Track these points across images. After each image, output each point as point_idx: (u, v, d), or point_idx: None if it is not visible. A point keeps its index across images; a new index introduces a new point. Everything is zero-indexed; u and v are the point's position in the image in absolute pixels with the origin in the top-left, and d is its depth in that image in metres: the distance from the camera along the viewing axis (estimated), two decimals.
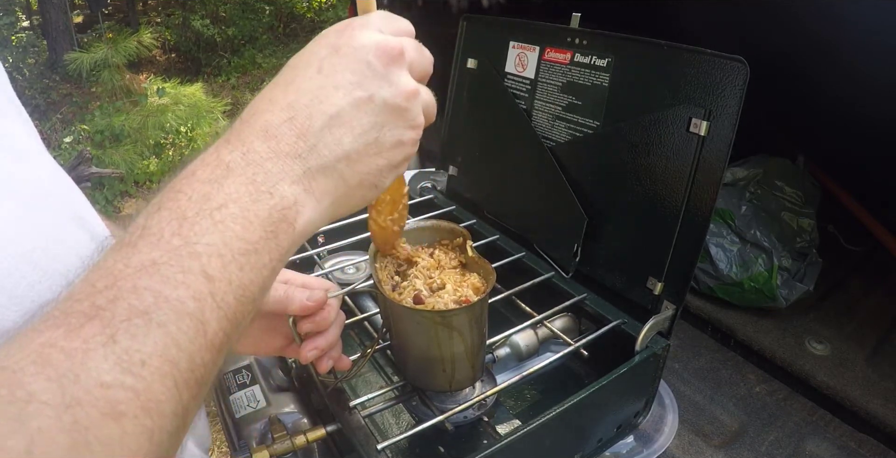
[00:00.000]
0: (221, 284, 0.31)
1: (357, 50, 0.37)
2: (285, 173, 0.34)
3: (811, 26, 1.19)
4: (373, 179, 0.40)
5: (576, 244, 0.87)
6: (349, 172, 0.38)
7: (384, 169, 0.40)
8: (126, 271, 0.29)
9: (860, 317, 1.43)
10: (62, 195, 0.39)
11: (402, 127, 0.39)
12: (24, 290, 0.32)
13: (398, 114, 0.39)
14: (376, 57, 0.37)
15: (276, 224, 0.34)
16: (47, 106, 4.88)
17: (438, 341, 0.60)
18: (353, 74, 0.37)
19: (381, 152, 0.39)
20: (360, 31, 0.38)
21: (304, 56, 0.39)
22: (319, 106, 0.36)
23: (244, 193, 0.33)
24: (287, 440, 0.65)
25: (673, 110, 0.73)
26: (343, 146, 0.37)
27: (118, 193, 3.94)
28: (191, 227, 0.31)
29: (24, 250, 0.33)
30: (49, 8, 5.06)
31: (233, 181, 0.33)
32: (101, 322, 0.27)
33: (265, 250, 0.33)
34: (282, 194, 0.34)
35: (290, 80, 0.38)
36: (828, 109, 1.41)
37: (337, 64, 0.37)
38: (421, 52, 0.41)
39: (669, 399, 1.04)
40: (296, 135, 0.35)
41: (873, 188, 1.63)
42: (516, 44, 0.97)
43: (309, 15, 6.54)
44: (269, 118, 0.36)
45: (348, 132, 0.37)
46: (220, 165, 0.34)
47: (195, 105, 4.37)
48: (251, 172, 0.34)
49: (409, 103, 0.39)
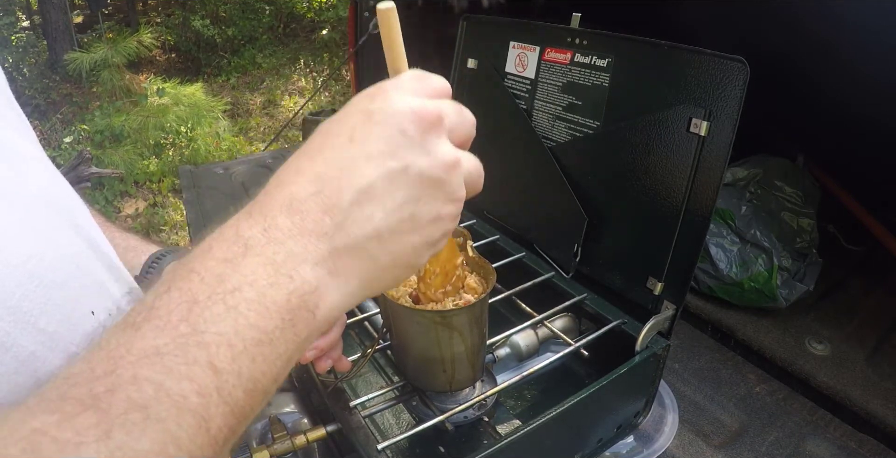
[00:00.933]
0: (230, 377, 0.28)
1: (391, 116, 0.34)
2: (308, 254, 0.31)
3: (811, 26, 1.19)
4: (407, 258, 0.36)
5: (576, 244, 0.87)
6: (380, 251, 0.34)
7: (420, 247, 0.36)
8: (127, 357, 0.27)
9: (860, 317, 1.43)
10: (60, 203, 0.39)
11: (440, 201, 0.35)
12: (19, 300, 0.31)
13: (436, 186, 0.35)
14: (412, 124, 0.34)
15: (294, 312, 0.31)
16: (47, 106, 4.88)
17: (438, 341, 0.60)
18: (387, 144, 0.33)
19: (416, 229, 0.35)
20: (394, 95, 0.35)
21: (335, 122, 0.35)
22: (350, 178, 0.33)
23: (262, 276, 0.30)
24: (287, 440, 0.65)
25: (673, 110, 0.73)
26: (373, 223, 0.33)
27: (118, 193, 3.94)
28: (201, 312, 0.28)
29: (20, 260, 0.32)
30: (49, 8, 5.06)
31: (250, 261, 0.30)
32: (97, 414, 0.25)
33: (281, 340, 0.30)
34: (303, 278, 0.31)
35: (320, 148, 0.34)
36: (828, 109, 1.41)
37: (370, 132, 0.34)
38: (462, 115, 0.38)
39: (669, 399, 1.05)
40: (322, 210, 0.32)
41: (873, 188, 1.63)
42: (516, 44, 0.97)
43: (309, 15, 6.53)
44: (295, 191, 0.32)
45: (380, 207, 0.33)
46: (239, 241, 0.31)
47: (195, 105, 4.37)
48: (271, 252, 0.31)
49: (449, 175, 0.35)
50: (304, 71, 5.85)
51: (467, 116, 0.38)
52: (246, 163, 2.02)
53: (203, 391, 0.27)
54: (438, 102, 0.36)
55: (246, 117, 5.19)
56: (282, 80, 5.71)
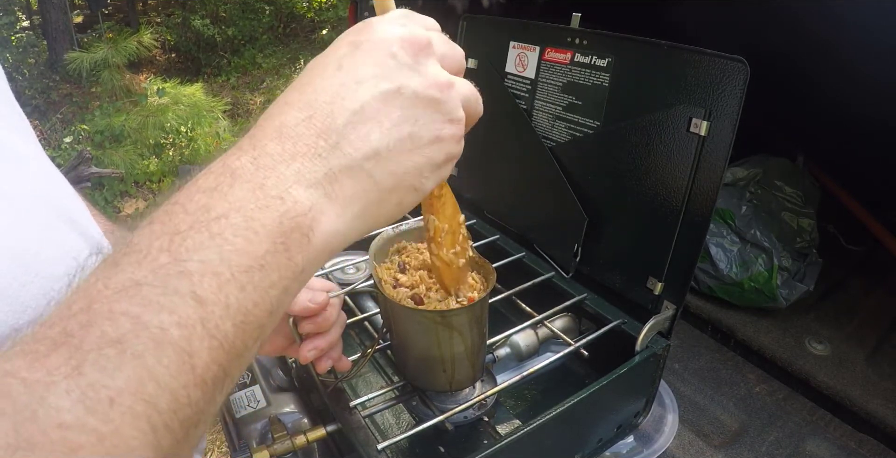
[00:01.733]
0: (216, 308, 0.26)
1: (379, 43, 0.34)
2: (301, 175, 0.30)
3: (811, 26, 1.19)
4: (411, 180, 0.34)
5: (576, 244, 0.87)
6: (381, 172, 0.33)
7: (424, 168, 0.35)
8: (104, 292, 0.25)
9: (860, 317, 1.43)
10: (56, 199, 0.39)
11: (438, 121, 0.34)
12: (16, 290, 0.31)
13: (432, 106, 0.34)
14: (401, 47, 0.34)
15: (286, 235, 0.29)
16: (47, 106, 4.88)
17: (439, 341, 0.60)
18: (378, 67, 0.33)
19: (417, 148, 0.34)
20: (382, 25, 0.35)
21: (323, 57, 0.35)
22: (342, 102, 0.32)
23: (250, 200, 0.28)
24: (287, 440, 0.65)
25: (673, 110, 0.73)
26: (371, 142, 0.32)
27: (118, 193, 3.94)
28: (182, 241, 0.26)
29: (15, 253, 0.32)
30: (49, 8, 5.06)
31: (238, 188, 0.28)
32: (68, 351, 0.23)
33: (273, 266, 0.28)
34: (295, 199, 0.29)
35: (308, 81, 0.34)
36: (828, 109, 1.41)
37: (358, 59, 0.33)
38: (451, 45, 0.37)
39: (669, 399, 1.04)
40: (315, 134, 0.31)
41: (873, 188, 1.63)
42: (516, 44, 0.97)
43: (309, 15, 6.53)
44: (285, 119, 0.31)
45: (376, 127, 0.32)
46: (226, 171, 0.29)
47: (195, 105, 4.37)
48: (261, 177, 0.29)
49: (444, 94, 0.34)
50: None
51: (456, 47, 0.38)
52: None
53: (185, 323, 0.25)
54: (426, 31, 0.36)
55: (246, 117, 5.19)
56: (282, 80, 5.71)
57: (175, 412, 0.24)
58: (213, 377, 0.26)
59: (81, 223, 0.40)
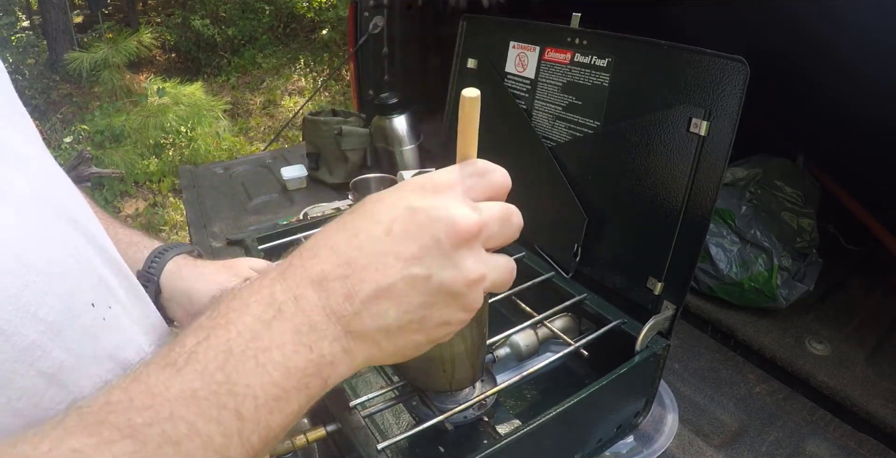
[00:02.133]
0: (250, 424, 0.31)
1: (431, 221, 0.35)
2: (328, 331, 0.35)
3: (811, 26, 1.19)
4: (407, 352, 0.39)
5: (576, 244, 0.87)
6: (386, 343, 0.37)
7: (421, 344, 0.39)
8: (166, 394, 0.30)
9: (860, 317, 1.43)
10: (59, 199, 0.39)
11: (453, 309, 0.37)
12: (18, 289, 0.32)
13: (453, 298, 0.37)
14: (448, 235, 0.35)
15: (310, 378, 0.34)
16: (47, 106, 4.88)
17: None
18: (419, 248, 0.35)
19: (422, 330, 0.38)
20: (444, 196, 0.37)
21: (380, 206, 0.37)
22: (374, 274, 0.35)
23: (289, 342, 0.33)
24: (287, 440, 0.65)
25: (673, 110, 0.73)
26: (386, 320, 0.36)
27: (118, 193, 3.95)
28: (235, 365, 0.32)
29: (17, 252, 0.32)
30: (49, 8, 5.06)
31: (280, 326, 0.34)
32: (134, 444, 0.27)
33: (296, 398, 0.34)
34: (321, 352, 0.34)
35: (358, 230, 0.36)
36: (828, 109, 1.41)
37: (407, 231, 0.35)
38: (508, 223, 0.39)
39: (669, 399, 1.04)
40: (344, 296, 0.35)
41: (873, 188, 1.63)
42: (516, 44, 0.97)
43: (309, 15, 6.53)
44: (325, 269, 0.35)
45: (394, 307, 0.36)
46: (273, 305, 0.34)
47: (195, 105, 4.37)
48: (298, 321, 0.34)
49: (469, 289, 0.37)
50: (304, 71, 5.85)
51: (514, 222, 0.39)
52: (246, 163, 2.02)
53: (227, 433, 0.30)
54: (486, 212, 0.37)
55: (246, 117, 5.19)
56: (282, 80, 5.71)
57: None
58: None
59: (84, 223, 0.40)
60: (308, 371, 0.34)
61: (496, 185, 0.39)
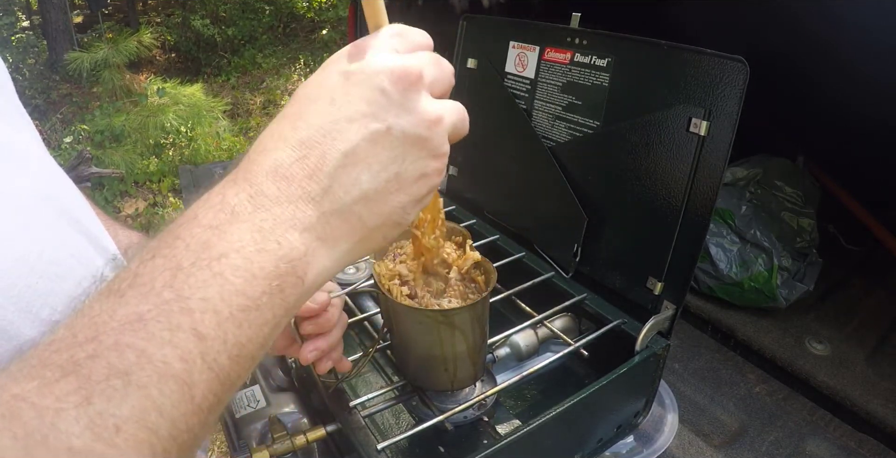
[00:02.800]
0: (214, 343, 0.28)
1: (370, 76, 0.34)
2: (297, 219, 0.31)
3: (811, 26, 1.19)
4: (395, 217, 0.36)
5: (576, 244, 0.87)
6: (368, 213, 0.34)
7: (407, 205, 0.36)
8: (110, 323, 0.26)
9: (860, 317, 1.43)
10: (58, 199, 0.39)
11: (424, 158, 0.35)
12: (21, 290, 0.32)
13: (420, 144, 0.35)
14: (391, 83, 0.33)
15: (282, 277, 0.30)
16: (47, 106, 4.88)
17: (440, 340, 0.60)
18: (368, 105, 0.33)
19: (402, 188, 0.35)
20: (373, 53, 0.35)
21: (314, 85, 0.35)
22: (333, 143, 0.32)
23: (249, 242, 0.30)
24: (287, 440, 0.65)
25: (673, 110, 0.73)
26: (361, 186, 0.33)
27: (118, 193, 3.94)
28: (185, 279, 0.28)
29: (21, 254, 0.32)
30: (49, 8, 5.06)
31: (237, 228, 0.30)
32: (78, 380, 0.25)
33: (268, 305, 0.30)
34: (291, 244, 0.31)
35: (300, 113, 0.34)
36: (828, 109, 1.41)
37: (350, 94, 0.33)
38: (440, 67, 0.37)
39: (669, 399, 1.04)
40: (308, 176, 0.32)
41: (873, 188, 1.63)
42: (516, 44, 0.97)
43: (309, 15, 6.53)
44: (280, 157, 0.32)
45: (365, 170, 0.33)
46: (225, 208, 0.30)
47: (195, 105, 4.37)
48: (258, 219, 0.30)
49: (431, 132, 0.35)
50: (304, 71, 5.85)
51: (446, 67, 0.38)
52: None
53: (186, 357, 0.27)
54: (417, 57, 0.36)
55: (246, 117, 5.19)
56: (282, 80, 5.71)
57: (174, 438, 0.26)
58: (210, 406, 0.28)
59: (85, 224, 0.40)
60: (279, 271, 0.30)
61: (418, 41, 0.38)
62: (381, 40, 0.36)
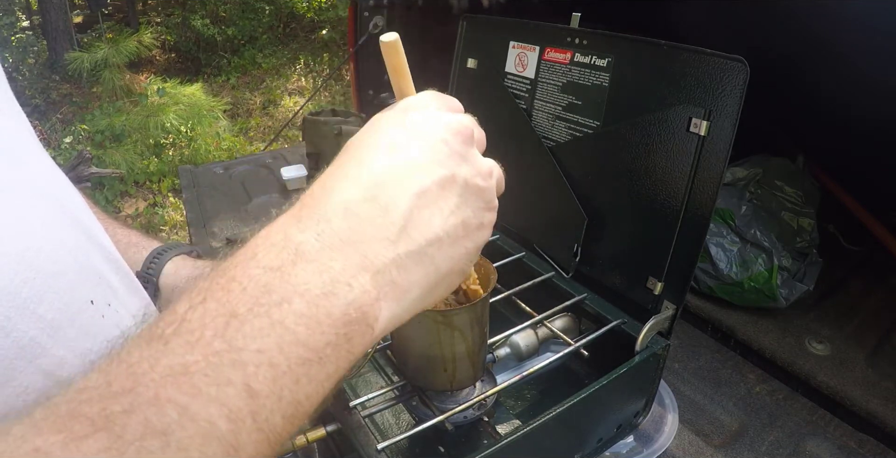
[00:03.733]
0: (268, 401, 0.25)
1: (431, 128, 0.34)
2: (369, 261, 0.29)
3: (811, 27, 1.19)
4: (462, 264, 0.35)
5: (576, 244, 0.87)
6: (441, 257, 0.33)
7: (472, 252, 0.36)
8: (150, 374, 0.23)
9: (860, 317, 1.43)
10: (57, 196, 0.39)
11: (482, 208, 0.36)
12: (18, 286, 0.32)
13: (478, 194, 0.35)
14: (452, 135, 0.35)
15: (350, 326, 0.27)
16: (47, 106, 4.88)
17: (440, 340, 0.60)
18: (433, 153, 0.33)
19: (468, 235, 0.35)
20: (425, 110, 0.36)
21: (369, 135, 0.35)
22: (402, 184, 0.31)
23: (316, 285, 0.26)
24: (287, 440, 0.65)
25: (673, 110, 0.73)
26: (433, 228, 0.32)
27: (118, 193, 3.95)
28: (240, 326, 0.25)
29: (17, 250, 0.32)
30: (49, 8, 5.06)
31: (302, 269, 0.27)
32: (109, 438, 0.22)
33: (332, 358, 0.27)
34: (363, 288, 0.28)
35: (360, 159, 0.33)
36: (828, 109, 1.41)
37: (412, 144, 0.33)
38: (480, 128, 0.40)
39: (669, 399, 1.05)
40: (381, 215, 0.30)
41: (873, 188, 1.63)
42: (516, 44, 0.97)
43: (309, 15, 6.53)
44: (349, 197, 0.30)
45: (437, 212, 0.32)
46: (289, 246, 0.28)
47: (195, 105, 4.38)
48: (327, 258, 0.27)
49: (487, 183, 0.36)
50: (304, 71, 5.85)
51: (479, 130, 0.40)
52: (246, 163, 2.02)
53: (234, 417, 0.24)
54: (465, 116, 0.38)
55: (246, 117, 5.19)
56: (282, 80, 5.71)
57: None
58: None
59: (83, 221, 0.41)
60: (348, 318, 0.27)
61: (454, 105, 0.39)
62: (430, 100, 0.38)
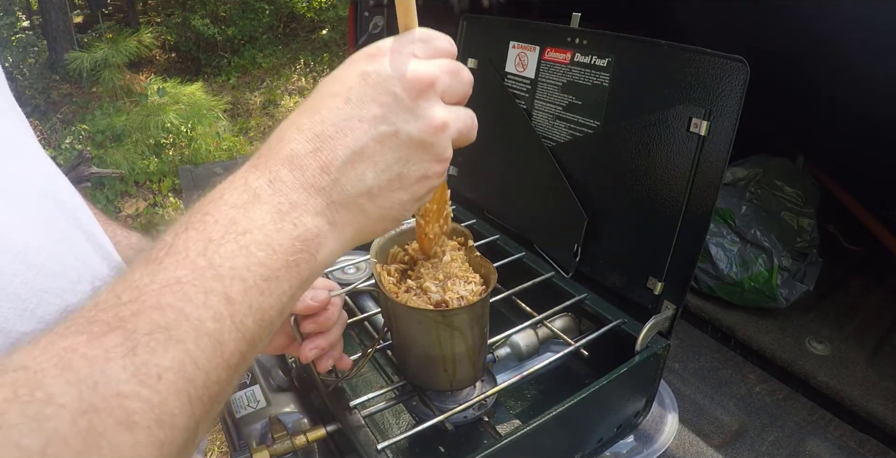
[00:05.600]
0: (241, 307, 0.31)
1: (385, 80, 0.37)
2: (309, 205, 0.35)
3: (811, 26, 1.19)
4: (395, 213, 0.39)
5: (576, 244, 0.87)
6: (371, 206, 0.38)
7: (407, 203, 0.39)
8: (151, 286, 0.30)
9: (860, 317, 1.43)
10: (57, 196, 0.39)
11: (426, 161, 0.39)
12: (18, 286, 0.32)
13: (424, 149, 0.38)
14: (404, 89, 0.37)
15: (297, 254, 0.34)
16: (47, 106, 4.87)
17: (440, 340, 0.60)
18: (380, 107, 0.36)
19: (403, 187, 0.38)
20: (393, 57, 0.37)
21: (334, 82, 0.38)
22: (344, 139, 0.36)
23: (269, 221, 0.33)
24: (287, 440, 0.65)
25: (673, 110, 0.73)
26: (366, 182, 0.37)
27: (118, 193, 3.94)
28: (216, 249, 0.31)
29: (18, 249, 0.33)
30: (49, 8, 5.06)
31: (259, 208, 0.34)
32: (124, 334, 0.27)
33: (286, 277, 0.34)
34: (305, 226, 0.34)
35: (318, 107, 0.37)
36: (828, 109, 1.41)
37: (365, 94, 0.37)
38: (457, 76, 0.40)
39: (669, 399, 1.05)
40: (320, 167, 0.35)
41: (873, 188, 1.63)
42: (516, 44, 0.97)
43: (309, 15, 6.53)
44: (296, 148, 0.36)
45: (371, 167, 0.37)
46: (248, 190, 0.34)
47: (195, 105, 4.37)
48: (276, 201, 0.34)
49: (436, 137, 0.38)
50: (304, 71, 5.85)
51: (464, 76, 0.40)
52: None
53: (218, 318, 0.30)
54: (434, 65, 0.38)
55: (246, 117, 5.19)
56: (282, 80, 5.71)
57: (207, 387, 0.29)
58: (236, 362, 0.31)
59: (83, 221, 0.41)
60: (295, 248, 0.34)
61: (440, 48, 0.40)
62: (403, 44, 0.39)
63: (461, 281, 0.61)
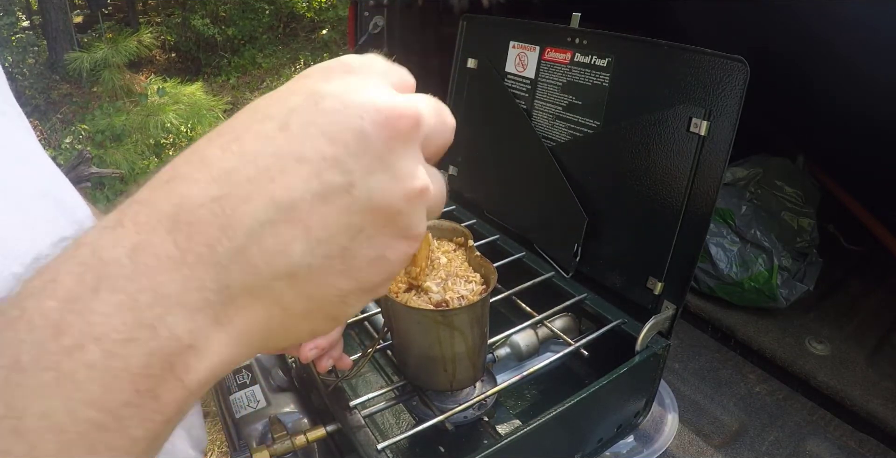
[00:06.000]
0: None
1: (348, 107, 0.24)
2: (187, 292, 0.22)
3: (811, 26, 1.19)
4: (329, 308, 0.26)
5: (576, 244, 0.87)
6: (293, 295, 0.24)
7: (349, 296, 0.26)
8: None
9: (860, 317, 1.44)
10: (60, 199, 0.39)
11: (388, 236, 0.25)
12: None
13: (388, 218, 0.25)
14: (374, 124, 0.24)
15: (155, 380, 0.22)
16: (47, 106, 4.88)
17: (440, 340, 0.60)
18: (332, 145, 0.23)
19: (348, 271, 0.25)
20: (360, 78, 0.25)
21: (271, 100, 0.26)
22: (268, 186, 0.23)
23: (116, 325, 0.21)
24: (287, 440, 0.65)
25: (673, 110, 0.73)
26: (290, 257, 0.23)
27: (118, 193, 3.94)
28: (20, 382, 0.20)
29: (19, 252, 0.32)
30: (49, 8, 5.06)
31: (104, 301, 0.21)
32: None
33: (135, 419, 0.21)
34: (171, 331, 0.22)
35: (239, 133, 0.24)
36: (828, 109, 1.41)
37: (313, 123, 0.23)
38: (441, 116, 0.28)
39: (669, 399, 1.05)
40: (219, 226, 0.22)
41: (873, 188, 1.63)
42: (516, 44, 0.97)
43: (309, 15, 6.53)
44: (189, 192, 0.23)
45: (301, 236, 0.23)
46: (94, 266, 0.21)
47: (195, 104, 4.38)
48: (135, 288, 0.21)
49: (410, 205, 0.25)
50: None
51: (448, 120, 0.28)
52: None
53: None
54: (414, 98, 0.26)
55: None
56: (282, 80, 5.71)
57: None
58: None
59: (83, 222, 0.41)
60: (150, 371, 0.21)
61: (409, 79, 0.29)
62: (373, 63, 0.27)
63: (462, 280, 0.61)
